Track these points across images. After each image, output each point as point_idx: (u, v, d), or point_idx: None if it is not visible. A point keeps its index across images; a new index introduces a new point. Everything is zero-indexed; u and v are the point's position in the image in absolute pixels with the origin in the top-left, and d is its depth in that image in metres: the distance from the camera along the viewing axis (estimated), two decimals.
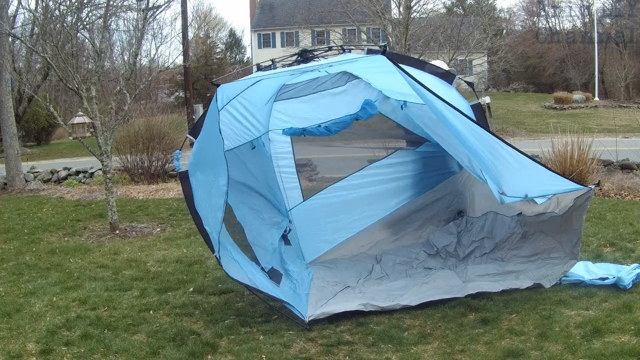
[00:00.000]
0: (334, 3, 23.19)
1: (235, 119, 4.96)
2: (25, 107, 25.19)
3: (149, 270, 6.04)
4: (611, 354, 3.55)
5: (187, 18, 19.79)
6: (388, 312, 4.51)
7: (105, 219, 8.61)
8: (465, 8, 34.23)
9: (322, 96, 5.38)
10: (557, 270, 4.78)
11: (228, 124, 4.81)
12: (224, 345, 4.10)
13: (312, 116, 5.41)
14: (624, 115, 24.41)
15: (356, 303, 4.61)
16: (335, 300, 4.80)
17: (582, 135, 9.33)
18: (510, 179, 4.41)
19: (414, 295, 4.74)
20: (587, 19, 45.21)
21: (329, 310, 4.53)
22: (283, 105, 5.42)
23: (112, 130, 8.25)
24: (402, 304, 4.58)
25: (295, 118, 5.41)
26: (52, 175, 14.73)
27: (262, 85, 4.96)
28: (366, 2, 19.12)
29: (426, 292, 4.81)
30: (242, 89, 4.83)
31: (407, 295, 4.75)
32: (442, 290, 4.79)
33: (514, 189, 4.50)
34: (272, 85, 5.17)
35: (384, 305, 4.58)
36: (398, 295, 4.79)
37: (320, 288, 5.06)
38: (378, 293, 4.92)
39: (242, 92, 4.83)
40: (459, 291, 4.71)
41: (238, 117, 4.98)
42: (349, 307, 4.57)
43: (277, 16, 48.66)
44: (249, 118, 5.09)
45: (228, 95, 4.64)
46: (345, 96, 5.37)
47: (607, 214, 7.30)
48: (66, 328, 4.48)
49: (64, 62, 8.01)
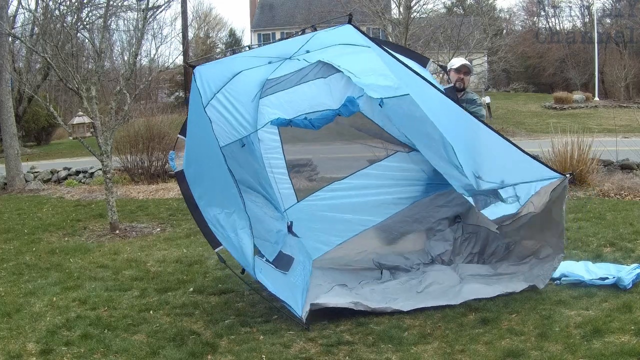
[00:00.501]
0: (334, 3, 23.20)
1: (223, 115, 4.93)
2: (25, 107, 25.19)
3: (149, 270, 6.04)
4: (611, 354, 3.55)
5: (187, 18, 19.86)
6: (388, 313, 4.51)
7: (105, 219, 8.62)
8: (465, 8, 34.23)
9: (308, 86, 5.37)
10: (547, 269, 4.71)
11: (216, 121, 4.79)
12: (224, 345, 4.10)
13: (297, 106, 5.38)
14: (624, 115, 24.42)
15: (347, 300, 4.60)
16: (328, 295, 4.79)
17: (582, 135, 9.34)
18: (488, 164, 4.43)
19: (408, 299, 4.69)
20: (587, 19, 45.26)
21: (321, 302, 4.54)
22: (268, 100, 5.39)
23: (112, 130, 8.25)
24: (394, 307, 4.55)
25: (281, 109, 5.38)
26: (52, 175, 14.73)
27: (245, 79, 4.93)
28: (366, 2, 19.11)
29: (420, 296, 4.78)
30: (224, 81, 4.79)
31: (400, 299, 4.71)
32: (437, 294, 4.76)
33: (491, 175, 4.53)
34: (255, 81, 5.15)
35: (375, 306, 4.55)
36: (392, 298, 4.75)
37: (317, 286, 5.05)
38: (372, 293, 4.88)
39: (225, 84, 4.80)
40: (453, 297, 4.65)
41: (225, 114, 4.95)
42: (339, 302, 4.56)
43: (277, 16, 48.67)
44: (237, 116, 5.07)
45: (210, 86, 4.62)
46: (329, 88, 5.36)
47: (607, 214, 7.30)
48: (66, 328, 4.48)
49: (64, 62, 8.01)
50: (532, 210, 4.68)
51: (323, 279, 5.25)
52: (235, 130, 5.09)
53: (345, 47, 4.99)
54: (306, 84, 5.33)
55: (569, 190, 8.78)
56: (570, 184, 8.98)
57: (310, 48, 4.96)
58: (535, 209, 4.68)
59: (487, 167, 4.55)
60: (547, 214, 4.62)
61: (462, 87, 5.62)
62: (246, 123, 5.20)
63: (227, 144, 4.99)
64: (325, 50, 5.02)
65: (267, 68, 5.11)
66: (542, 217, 4.68)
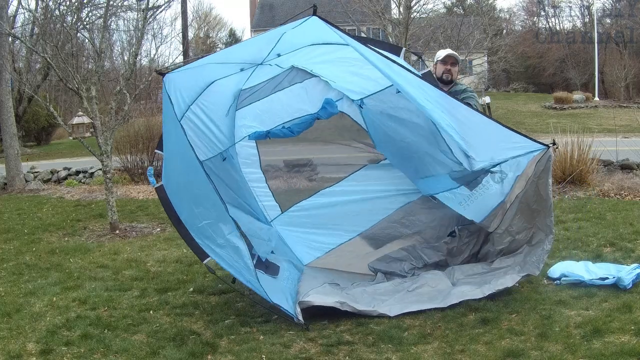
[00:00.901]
0: (334, 3, 23.17)
1: (200, 129, 4.83)
2: (25, 107, 25.16)
3: (149, 270, 6.04)
4: (611, 354, 3.55)
5: (187, 18, 19.85)
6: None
7: (105, 219, 8.61)
8: (465, 8, 34.23)
9: (284, 93, 5.30)
10: (540, 253, 4.62)
11: (194, 134, 4.73)
12: (224, 345, 4.10)
13: (274, 116, 5.33)
14: (624, 115, 24.41)
15: (334, 299, 4.59)
16: (316, 293, 4.75)
17: (582, 135, 9.34)
18: (476, 143, 4.43)
19: (397, 302, 4.65)
20: (587, 19, 45.25)
21: (307, 300, 4.53)
22: (244, 112, 5.32)
23: (112, 130, 8.25)
24: (380, 311, 4.51)
25: (257, 120, 5.32)
26: (52, 175, 14.72)
27: (218, 90, 4.82)
28: (366, 2, 19.10)
29: (410, 296, 4.75)
30: (197, 91, 4.67)
31: (389, 302, 4.66)
32: (426, 298, 4.71)
33: (480, 154, 4.52)
34: (229, 92, 5.04)
35: (361, 308, 4.53)
36: (381, 300, 4.70)
37: (308, 283, 5.03)
38: (362, 294, 4.84)
39: (199, 95, 4.69)
40: (442, 300, 4.60)
41: (202, 127, 4.85)
42: (326, 301, 4.55)
43: (277, 16, 48.62)
44: (214, 129, 4.97)
45: (183, 97, 4.52)
46: (306, 93, 5.30)
47: (607, 214, 7.30)
48: (66, 328, 4.48)
49: (64, 62, 8.01)
50: (518, 192, 4.67)
51: (315, 278, 5.21)
52: (214, 144, 5.02)
53: (316, 47, 4.83)
54: (282, 91, 5.27)
55: (569, 190, 8.80)
56: (570, 184, 9.00)
57: (281, 51, 4.78)
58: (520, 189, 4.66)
59: (476, 146, 4.55)
60: (535, 192, 4.59)
61: (449, 79, 5.39)
62: (223, 137, 5.12)
63: (208, 157, 4.92)
64: (297, 52, 4.85)
65: (240, 76, 4.97)
66: (530, 197, 4.64)
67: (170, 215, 4.59)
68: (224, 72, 4.78)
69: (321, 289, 4.90)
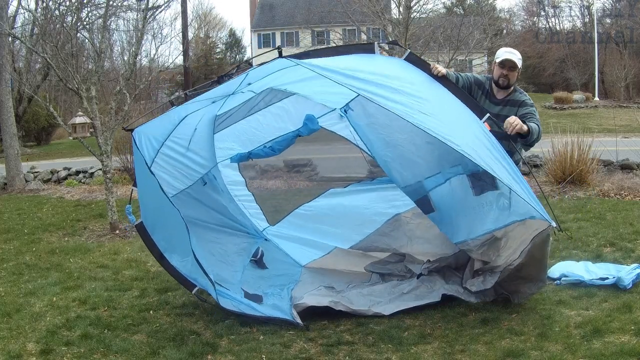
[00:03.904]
0: (334, 3, 23.15)
1: (177, 160, 4.84)
2: (25, 107, 25.17)
3: (149, 270, 6.04)
4: (611, 354, 3.55)
5: (187, 18, 19.75)
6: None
7: (105, 219, 8.61)
8: (465, 8, 34.21)
9: (261, 115, 5.30)
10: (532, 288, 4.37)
11: (170, 169, 4.79)
12: (224, 345, 4.11)
13: (254, 137, 5.34)
14: (624, 115, 24.40)
15: (328, 299, 4.60)
16: (312, 295, 4.77)
17: (582, 135, 9.34)
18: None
19: (392, 302, 4.64)
20: (587, 19, 45.25)
21: (302, 303, 4.56)
22: (223, 134, 5.31)
23: (112, 130, 8.25)
24: (374, 311, 4.51)
25: (238, 142, 5.33)
26: (52, 175, 14.70)
27: (192, 120, 4.81)
28: (366, 2, 19.08)
29: (404, 297, 4.74)
30: (169, 129, 4.67)
31: (384, 302, 4.66)
32: (420, 296, 4.70)
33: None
34: (204, 120, 5.02)
35: (355, 308, 4.54)
36: (376, 301, 4.69)
37: (303, 286, 5.04)
38: (358, 296, 4.82)
39: (172, 132, 4.68)
40: (437, 295, 4.59)
41: (179, 157, 4.86)
42: (321, 302, 4.57)
43: (277, 16, 48.68)
44: (192, 156, 4.98)
45: (152, 143, 4.54)
46: (285, 112, 5.29)
47: (607, 214, 7.30)
48: (66, 328, 4.49)
49: (64, 62, 8.01)
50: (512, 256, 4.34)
51: (311, 283, 5.19)
52: (193, 170, 5.05)
53: (288, 70, 4.57)
54: (259, 112, 5.27)
55: (569, 190, 8.80)
56: (570, 184, 9.01)
57: (251, 80, 4.66)
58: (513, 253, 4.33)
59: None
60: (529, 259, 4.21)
61: (506, 84, 4.69)
62: (203, 160, 5.15)
63: (187, 186, 4.99)
64: (268, 77, 4.67)
65: (213, 107, 4.94)
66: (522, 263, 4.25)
67: (152, 252, 4.75)
68: (195, 107, 4.74)
69: (316, 291, 4.92)
